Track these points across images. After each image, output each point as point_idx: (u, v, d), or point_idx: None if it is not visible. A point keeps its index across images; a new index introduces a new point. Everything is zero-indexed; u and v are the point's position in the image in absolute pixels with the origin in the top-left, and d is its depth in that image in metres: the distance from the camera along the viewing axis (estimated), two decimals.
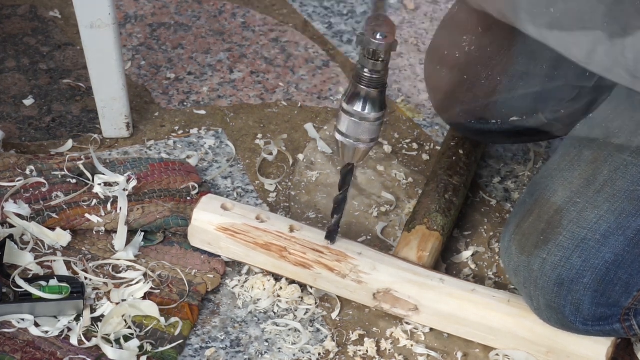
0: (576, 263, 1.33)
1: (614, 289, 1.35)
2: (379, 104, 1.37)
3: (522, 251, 1.38)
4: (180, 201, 1.65)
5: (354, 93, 1.36)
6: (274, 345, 1.49)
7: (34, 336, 1.44)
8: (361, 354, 1.48)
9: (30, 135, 1.81)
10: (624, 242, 1.32)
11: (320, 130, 1.87)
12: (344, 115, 1.38)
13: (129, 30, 2.08)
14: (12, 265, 1.53)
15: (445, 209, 1.62)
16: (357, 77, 1.36)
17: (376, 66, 1.34)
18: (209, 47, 2.05)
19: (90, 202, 1.62)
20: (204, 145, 1.82)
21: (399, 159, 1.83)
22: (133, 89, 1.93)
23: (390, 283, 1.49)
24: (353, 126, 1.38)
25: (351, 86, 1.37)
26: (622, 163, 1.33)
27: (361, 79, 1.35)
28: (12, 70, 1.95)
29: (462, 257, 1.65)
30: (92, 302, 1.50)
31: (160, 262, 1.57)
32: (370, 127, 1.38)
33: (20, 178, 1.65)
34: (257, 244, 1.53)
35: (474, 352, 1.51)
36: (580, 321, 1.37)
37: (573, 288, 1.34)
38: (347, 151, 1.41)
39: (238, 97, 1.94)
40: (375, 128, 1.39)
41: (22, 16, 2.08)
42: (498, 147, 1.87)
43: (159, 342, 1.45)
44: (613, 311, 1.37)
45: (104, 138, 1.81)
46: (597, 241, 1.32)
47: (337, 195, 1.49)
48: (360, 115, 1.37)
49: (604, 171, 1.34)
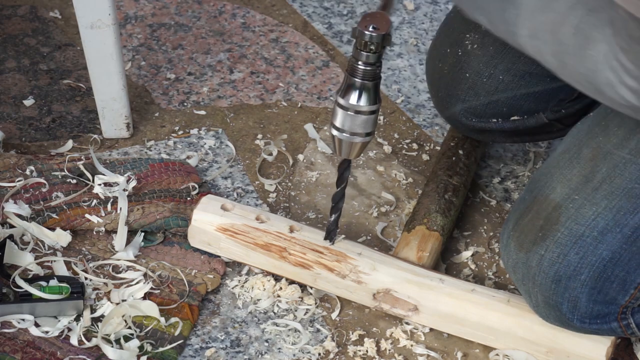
0: (573, 260, 1.34)
1: (610, 286, 1.35)
2: (373, 96, 1.38)
3: (521, 248, 1.38)
4: (180, 201, 1.65)
5: (349, 86, 1.37)
6: (274, 346, 1.49)
7: (34, 336, 1.44)
8: (361, 354, 1.49)
9: (30, 136, 1.81)
10: (621, 239, 1.32)
11: (320, 131, 1.87)
12: (339, 109, 1.39)
13: (129, 30, 2.08)
14: (12, 265, 1.53)
15: (445, 209, 1.62)
16: (351, 70, 1.37)
17: (369, 58, 1.35)
18: (209, 48, 2.05)
19: (91, 202, 1.62)
20: (204, 145, 1.82)
21: (399, 159, 1.83)
22: (133, 89, 1.93)
23: (390, 283, 1.49)
24: (348, 120, 1.39)
25: (345, 79, 1.38)
26: (620, 161, 1.33)
27: (355, 71, 1.36)
28: (12, 71, 1.95)
29: (462, 257, 1.65)
30: (92, 302, 1.50)
31: (160, 262, 1.58)
32: (366, 120, 1.39)
33: (21, 178, 1.65)
34: (256, 244, 1.53)
35: (473, 352, 1.51)
36: (577, 318, 1.37)
37: (570, 285, 1.35)
38: (344, 146, 1.42)
39: (238, 97, 1.94)
40: (371, 121, 1.39)
41: (22, 16, 2.08)
42: (498, 147, 1.87)
43: (159, 342, 1.45)
44: (610, 309, 1.37)
45: (104, 138, 1.81)
46: (595, 238, 1.33)
47: (334, 193, 1.49)
48: (355, 108, 1.38)
49: (603, 169, 1.34)
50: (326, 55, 2.05)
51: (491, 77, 1.61)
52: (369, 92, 1.37)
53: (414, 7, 2.20)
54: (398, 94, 1.98)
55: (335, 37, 2.10)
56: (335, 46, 2.08)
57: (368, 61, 1.35)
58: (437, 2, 2.22)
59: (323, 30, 2.12)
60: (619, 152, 1.33)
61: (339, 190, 1.49)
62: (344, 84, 1.38)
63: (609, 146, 1.35)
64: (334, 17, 2.16)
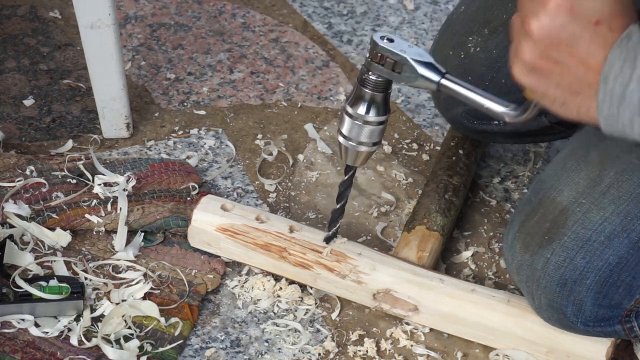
0: (580, 264, 1.33)
1: (616, 291, 1.34)
2: (382, 108, 1.37)
3: (526, 250, 1.38)
4: (180, 201, 1.65)
5: (358, 96, 1.36)
6: (274, 346, 1.49)
7: (34, 336, 1.44)
8: (361, 354, 1.49)
9: (30, 136, 1.81)
10: (628, 244, 1.32)
11: (320, 131, 1.87)
12: (347, 118, 1.38)
13: (129, 30, 2.08)
14: (12, 265, 1.53)
15: (445, 209, 1.62)
16: (362, 81, 1.35)
17: (382, 70, 1.34)
18: (209, 48, 2.05)
19: (90, 202, 1.62)
20: (204, 145, 1.82)
21: (399, 159, 1.83)
22: (133, 89, 1.93)
23: (390, 283, 1.49)
24: (356, 129, 1.38)
25: (355, 89, 1.37)
26: (628, 165, 1.32)
27: (366, 82, 1.35)
28: (12, 71, 1.95)
29: (462, 257, 1.65)
30: (92, 302, 1.50)
31: (160, 262, 1.58)
32: (373, 130, 1.38)
33: (20, 178, 1.65)
34: (256, 244, 1.53)
35: (473, 352, 1.51)
36: (581, 321, 1.37)
37: (575, 289, 1.34)
38: (349, 154, 1.42)
39: (238, 97, 1.94)
40: (378, 132, 1.39)
41: (22, 16, 2.08)
42: (498, 147, 1.87)
43: (159, 342, 1.45)
44: (614, 312, 1.37)
45: (104, 138, 1.81)
46: (601, 243, 1.32)
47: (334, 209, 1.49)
48: (364, 119, 1.37)
49: (611, 173, 1.33)
50: (326, 55, 2.05)
51: (493, 81, 1.60)
52: (378, 103, 1.36)
53: (414, 7, 2.20)
54: (398, 94, 1.98)
55: (335, 37, 2.10)
56: (335, 46, 2.08)
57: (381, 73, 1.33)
58: (437, 2, 2.22)
59: (323, 30, 2.12)
60: (627, 157, 1.33)
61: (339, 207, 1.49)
62: (353, 93, 1.37)
63: (617, 150, 1.34)
64: (334, 17, 2.16)
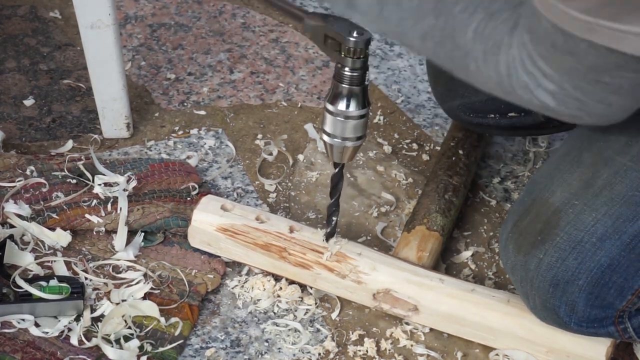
0: (572, 265, 1.33)
1: (608, 292, 1.34)
2: (362, 100, 1.38)
3: (519, 250, 1.38)
4: (180, 202, 1.65)
5: (337, 93, 1.37)
6: (274, 346, 1.49)
7: (34, 336, 1.44)
8: (361, 354, 1.49)
9: (30, 136, 1.81)
10: (620, 246, 1.32)
11: (320, 131, 1.87)
12: (329, 115, 1.39)
13: (129, 30, 2.08)
14: (12, 265, 1.53)
15: (445, 209, 1.62)
16: (338, 77, 1.37)
17: (355, 63, 1.34)
18: (209, 48, 2.05)
19: (91, 202, 1.62)
20: (204, 145, 1.82)
21: (399, 159, 1.83)
22: (133, 89, 1.93)
23: (390, 283, 1.49)
24: (339, 125, 1.39)
25: (333, 86, 1.38)
26: (621, 167, 1.33)
27: (342, 77, 1.36)
28: (12, 71, 1.95)
29: (462, 257, 1.65)
30: (92, 302, 1.50)
31: (160, 262, 1.58)
32: (356, 124, 1.39)
33: (21, 178, 1.65)
34: (256, 244, 1.53)
35: (473, 352, 1.51)
36: (574, 322, 1.37)
37: (568, 289, 1.35)
38: (335, 151, 1.43)
39: (238, 97, 1.94)
40: (361, 125, 1.40)
41: (22, 16, 2.08)
42: (498, 147, 1.87)
43: (159, 342, 1.45)
44: (607, 313, 1.37)
45: (104, 138, 1.81)
46: (593, 244, 1.32)
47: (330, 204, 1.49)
48: (345, 114, 1.38)
49: (603, 175, 1.34)
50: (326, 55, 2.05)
51: None
52: (357, 97, 1.37)
53: None
54: (398, 94, 1.98)
55: None
56: None
57: (354, 66, 1.35)
58: None
59: None
60: (620, 159, 1.33)
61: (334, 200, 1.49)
62: (331, 90, 1.38)
63: (610, 152, 1.34)
64: None
